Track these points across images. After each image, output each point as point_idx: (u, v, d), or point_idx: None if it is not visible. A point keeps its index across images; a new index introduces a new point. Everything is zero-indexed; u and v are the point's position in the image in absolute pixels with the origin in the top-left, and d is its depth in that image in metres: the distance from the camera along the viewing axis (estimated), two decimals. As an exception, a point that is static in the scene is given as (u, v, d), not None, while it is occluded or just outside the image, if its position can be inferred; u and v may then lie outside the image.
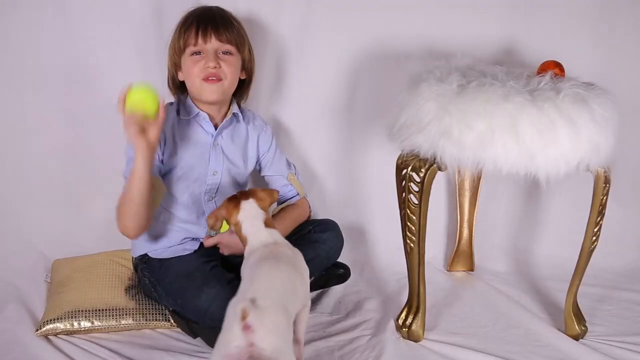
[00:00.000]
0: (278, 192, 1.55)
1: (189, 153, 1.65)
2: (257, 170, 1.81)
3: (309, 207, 1.84)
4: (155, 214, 1.66)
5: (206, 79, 1.60)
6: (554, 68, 1.61)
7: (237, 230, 1.44)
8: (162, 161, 1.64)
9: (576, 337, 1.67)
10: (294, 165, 1.84)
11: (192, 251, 1.68)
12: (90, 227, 1.96)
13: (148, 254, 1.68)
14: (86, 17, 1.87)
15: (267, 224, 1.43)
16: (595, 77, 1.66)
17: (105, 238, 1.92)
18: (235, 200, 1.45)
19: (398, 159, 1.59)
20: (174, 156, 1.64)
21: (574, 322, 1.67)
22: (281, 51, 1.99)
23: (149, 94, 1.45)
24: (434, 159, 1.49)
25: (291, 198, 1.80)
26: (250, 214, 1.43)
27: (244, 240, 1.43)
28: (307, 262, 1.65)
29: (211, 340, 1.57)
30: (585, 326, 1.70)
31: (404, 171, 1.55)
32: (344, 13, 1.98)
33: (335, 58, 2.02)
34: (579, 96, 1.45)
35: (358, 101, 2.06)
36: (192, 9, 1.67)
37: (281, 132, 2.04)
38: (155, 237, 1.67)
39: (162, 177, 1.67)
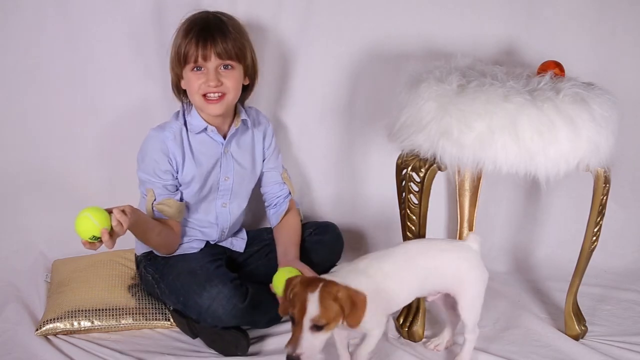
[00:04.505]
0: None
1: (203, 165, 1.65)
2: None
3: (299, 210, 1.85)
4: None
5: (206, 97, 1.59)
6: (554, 68, 1.61)
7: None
8: (177, 181, 1.64)
9: (576, 337, 1.67)
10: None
11: (198, 249, 1.69)
12: (91, 227, 1.96)
13: (153, 250, 1.68)
14: (87, 18, 1.86)
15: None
16: (595, 77, 1.66)
17: (105, 238, 1.93)
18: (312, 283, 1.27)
19: (398, 159, 1.59)
20: (191, 171, 1.64)
21: (574, 322, 1.67)
22: (281, 52, 1.98)
23: (91, 222, 1.38)
24: (434, 159, 1.49)
25: (286, 197, 1.81)
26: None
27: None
28: (308, 264, 1.65)
29: (211, 341, 1.58)
30: (585, 326, 1.69)
31: (404, 171, 1.55)
32: (344, 13, 1.98)
33: (335, 58, 2.02)
34: (578, 96, 1.45)
35: (358, 101, 2.06)
36: (191, 16, 1.63)
37: (282, 133, 2.04)
38: None
39: (184, 190, 1.66)
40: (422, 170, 1.52)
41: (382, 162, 1.98)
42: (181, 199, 1.65)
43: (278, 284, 1.48)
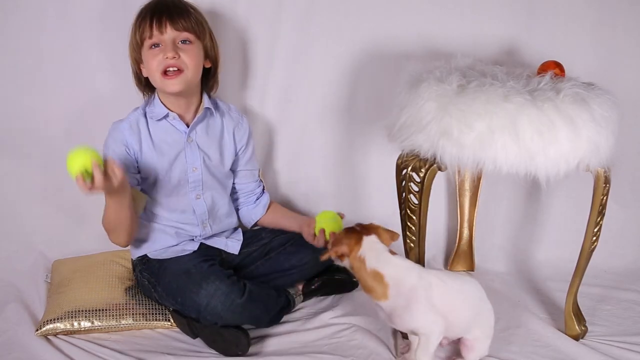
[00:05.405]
0: (399, 235, 1.49)
1: (165, 155, 1.64)
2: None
3: None
4: (143, 220, 1.68)
5: (164, 73, 1.57)
6: (554, 68, 1.61)
7: (357, 266, 1.40)
8: (139, 171, 1.64)
9: (576, 337, 1.67)
10: None
11: (191, 251, 1.69)
12: (90, 227, 1.96)
13: (147, 255, 1.69)
14: (88, 18, 1.86)
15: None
16: (595, 77, 1.66)
17: (105, 238, 1.92)
18: (355, 234, 1.42)
19: (398, 159, 1.59)
20: (151, 161, 1.63)
21: (574, 322, 1.67)
22: (281, 52, 1.99)
23: (83, 155, 1.41)
24: (434, 159, 1.49)
25: (264, 190, 1.85)
26: (375, 247, 1.42)
27: (368, 277, 1.39)
28: (305, 263, 1.65)
29: (211, 341, 1.58)
30: (585, 326, 1.69)
31: (404, 171, 1.55)
32: (344, 13, 1.98)
33: (336, 58, 2.02)
34: (579, 96, 1.45)
35: (358, 101, 2.06)
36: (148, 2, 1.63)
37: (282, 132, 2.04)
38: (152, 240, 1.68)
39: (144, 181, 1.66)
40: (422, 170, 1.52)
41: (382, 162, 1.98)
42: (144, 193, 1.65)
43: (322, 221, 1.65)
